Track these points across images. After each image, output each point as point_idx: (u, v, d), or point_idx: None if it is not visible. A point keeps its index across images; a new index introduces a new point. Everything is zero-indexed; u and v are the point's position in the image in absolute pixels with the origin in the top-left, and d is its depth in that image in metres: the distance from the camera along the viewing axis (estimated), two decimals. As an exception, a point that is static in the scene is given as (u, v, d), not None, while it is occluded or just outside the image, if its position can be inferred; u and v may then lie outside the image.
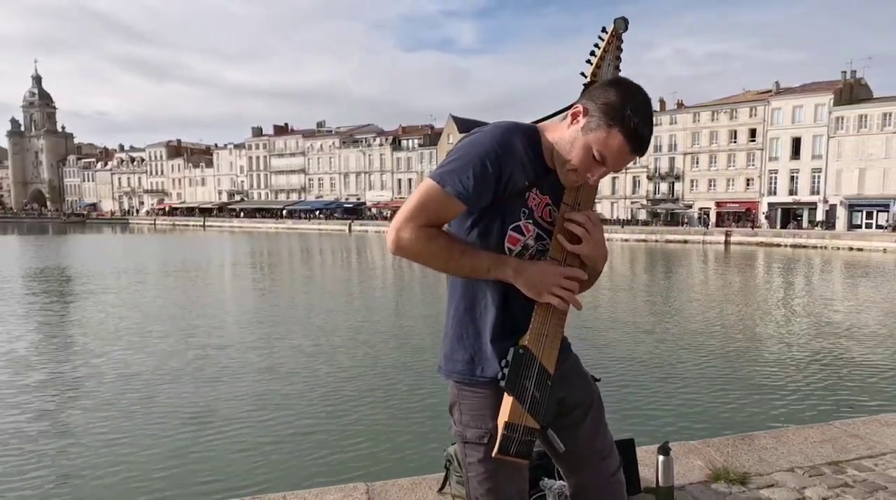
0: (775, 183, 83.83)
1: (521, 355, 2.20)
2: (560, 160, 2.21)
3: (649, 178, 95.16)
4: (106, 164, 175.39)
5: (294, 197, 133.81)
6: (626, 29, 2.30)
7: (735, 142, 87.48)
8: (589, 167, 2.17)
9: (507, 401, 2.19)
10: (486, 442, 2.27)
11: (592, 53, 2.34)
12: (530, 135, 2.23)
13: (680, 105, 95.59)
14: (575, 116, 2.17)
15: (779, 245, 68.78)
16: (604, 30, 2.32)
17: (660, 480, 4.23)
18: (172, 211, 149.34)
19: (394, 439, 11.42)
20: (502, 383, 2.20)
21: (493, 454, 2.18)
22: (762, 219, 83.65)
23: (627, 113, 2.07)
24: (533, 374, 2.20)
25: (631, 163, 2.39)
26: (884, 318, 25.00)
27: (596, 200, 2.37)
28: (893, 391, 14.44)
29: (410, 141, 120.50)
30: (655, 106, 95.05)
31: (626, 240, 78.91)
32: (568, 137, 2.18)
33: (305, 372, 16.04)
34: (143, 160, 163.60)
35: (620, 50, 2.36)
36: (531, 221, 2.25)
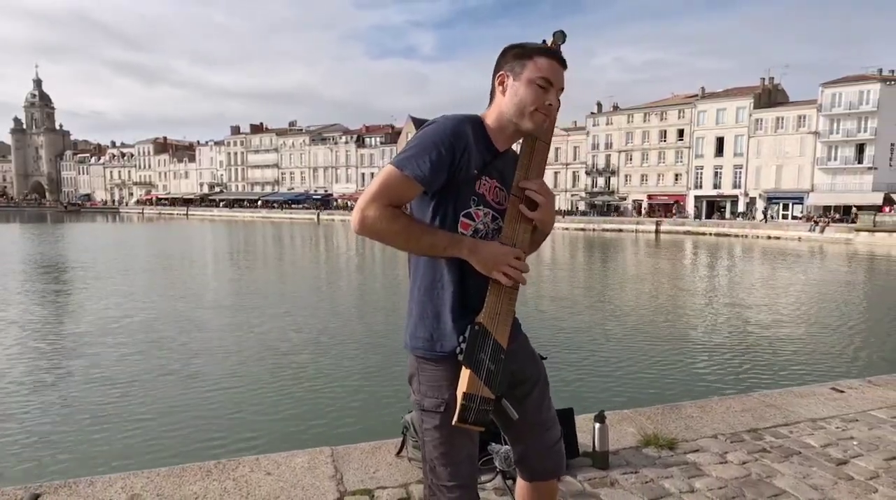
0: (701, 178, 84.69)
1: (478, 332, 2.20)
2: (518, 114, 2.27)
3: (587, 173, 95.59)
4: (99, 158, 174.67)
5: (268, 189, 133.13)
6: (563, 41, 2.33)
7: (665, 141, 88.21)
8: (543, 97, 2.25)
9: (465, 374, 2.18)
10: (441, 411, 2.29)
11: None
12: (476, 123, 2.30)
13: (615, 107, 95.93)
14: (502, 81, 2.29)
15: (704, 234, 69.48)
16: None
17: (596, 445, 4.25)
18: (159, 201, 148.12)
19: (355, 407, 11.37)
20: (461, 357, 2.20)
21: (454, 423, 2.18)
22: (689, 210, 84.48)
23: (535, 45, 2.27)
24: (488, 348, 2.20)
25: (571, 159, 2.41)
26: (798, 299, 25.47)
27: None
28: (806, 365, 14.64)
29: (373, 139, 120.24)
30: (593, 108, 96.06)
31: (567, 229, 79.17)
32: (509, 94, 2.27)
33: (274, 347, 15.87)
34: (132, 155, 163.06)
35: None
36: (481, 206, 2.28)
